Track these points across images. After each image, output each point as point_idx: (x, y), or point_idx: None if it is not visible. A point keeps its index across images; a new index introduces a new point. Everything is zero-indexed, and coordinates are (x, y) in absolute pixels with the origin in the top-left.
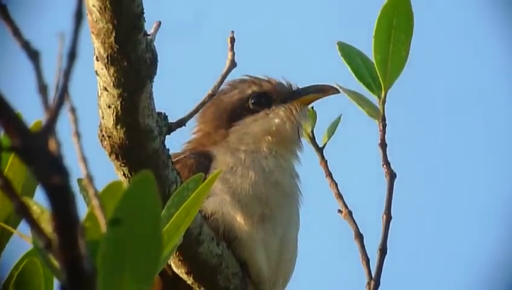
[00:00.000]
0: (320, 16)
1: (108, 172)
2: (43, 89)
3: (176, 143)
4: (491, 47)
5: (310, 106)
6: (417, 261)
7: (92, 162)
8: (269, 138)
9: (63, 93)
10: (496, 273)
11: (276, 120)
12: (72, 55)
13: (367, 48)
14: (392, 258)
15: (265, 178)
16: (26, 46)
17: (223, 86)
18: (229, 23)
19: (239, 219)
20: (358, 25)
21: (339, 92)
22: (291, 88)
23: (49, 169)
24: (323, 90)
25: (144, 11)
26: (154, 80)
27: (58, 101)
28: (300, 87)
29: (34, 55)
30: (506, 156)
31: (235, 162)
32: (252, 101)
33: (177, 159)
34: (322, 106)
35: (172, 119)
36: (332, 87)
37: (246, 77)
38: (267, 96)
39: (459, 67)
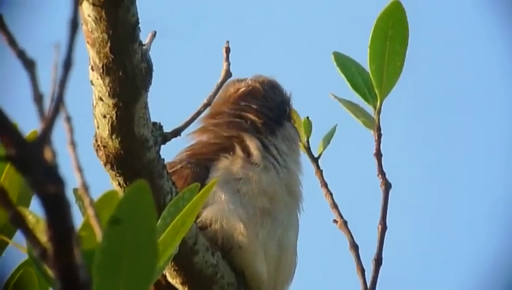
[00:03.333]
0: (315, 26)
1: (104, 182)
2: (38, 98)
3: (171, 153)
4: (488, 57)
5: (305, 116)
6: (413, 272)
7: (88, 171)
8: (296, 146)
9: (59, 102)
10: (497, 278)
11: (297, 134)
12: (67, 65)
13: (362, 58)
14: (388, 269)
15: (279, 177)
16: (21, 55)
17: (256, 77)
18: (224, 32)
19: (239, 227)
20: (353, 35)
21: None
22: None
23: (44, 178)
24: None
25: (139, 21)
26: (150, 89)
27: (53, 111)
28: None
29: (29, 64)
30: (503, 162)
31: (259, 155)
32: (287, 108)
33: (173, 169)
34: (318, 116)
35: (167, 129)
36: None
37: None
38: (290, 108)
39: (455, 76)
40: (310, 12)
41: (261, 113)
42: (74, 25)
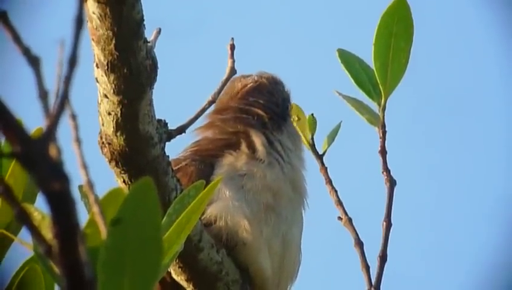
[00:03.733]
0: (320, 23)
1: (109, 179)
2: (43, 95)
3: (176, 150)
4: (492, 53)
5: (310, 113)
6: (417, 269)
7: (93, 168)
8: (300, 142)
9: (64, 99)
10: (497, 278)
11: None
12: (72, 62)
13: (367, 55)
14: (392, 266)
15: (284, 173)
16: (26, 52)
17: (260, 73)
18: (229, 29)
19: (244, 223)
20: (358, 32)
21: None
22: None
23: (49, 175)
24: None
25: (144, 18)
26: (154, 86)
27: (58, 108)
28: None
29: (34, 62)
30: (506, 159)
31: (263, 151)
32: (288, 106)
33: (178, 167)
34: (322, 113)
35: (172, 126)
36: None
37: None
38: (291, 104)
39: (460, 73)
40: (314, 9)
41: (268, 109)
42: (79, 22)
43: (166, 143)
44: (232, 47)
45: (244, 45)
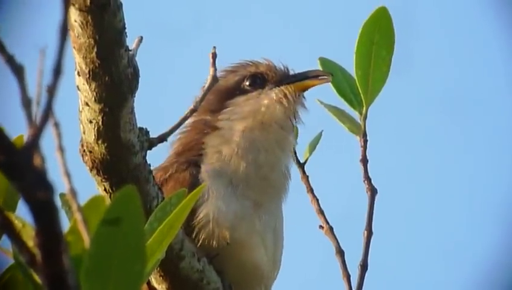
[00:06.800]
0: (302, 32)
1: (93, 187)
2: (27, 103)
3: (158, 158)
4: (476, 61)
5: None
6: (398, 277)
7: (76, 177)
8: (258, 118)
9: (48, 108)
10: (484, 286)
11: (266, 101)
12: (57, 71)
13: (348, 63)
14: (373, 274)
15: (256, 170)
16: (10, 60)
17: (222, 72)
18: (211, 39)
19: (236, 222)
20: (339, 41)
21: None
22: (287, 71)
23: (34, 184)
24: (319, 77)
25: (126, 26)
26: (136, 94)
27: (42, 117)
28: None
29: (18, 70)
30: (492, 166)
31: (227, 153)
32: (247, 83)
33: (169, 174)
34: (304, 122)
35: (153, 134)
36: (328, 74)
37: (245, 61)
38: (263, 77)
39: (442, 81)
40: (296, 18)
41: (208, 108)
42: (64, 31)
43: (148, 151)
44: (214, 56)
45: (225, 53)
